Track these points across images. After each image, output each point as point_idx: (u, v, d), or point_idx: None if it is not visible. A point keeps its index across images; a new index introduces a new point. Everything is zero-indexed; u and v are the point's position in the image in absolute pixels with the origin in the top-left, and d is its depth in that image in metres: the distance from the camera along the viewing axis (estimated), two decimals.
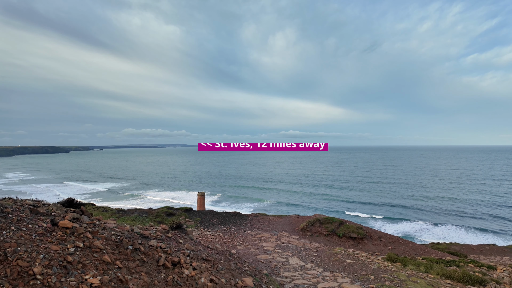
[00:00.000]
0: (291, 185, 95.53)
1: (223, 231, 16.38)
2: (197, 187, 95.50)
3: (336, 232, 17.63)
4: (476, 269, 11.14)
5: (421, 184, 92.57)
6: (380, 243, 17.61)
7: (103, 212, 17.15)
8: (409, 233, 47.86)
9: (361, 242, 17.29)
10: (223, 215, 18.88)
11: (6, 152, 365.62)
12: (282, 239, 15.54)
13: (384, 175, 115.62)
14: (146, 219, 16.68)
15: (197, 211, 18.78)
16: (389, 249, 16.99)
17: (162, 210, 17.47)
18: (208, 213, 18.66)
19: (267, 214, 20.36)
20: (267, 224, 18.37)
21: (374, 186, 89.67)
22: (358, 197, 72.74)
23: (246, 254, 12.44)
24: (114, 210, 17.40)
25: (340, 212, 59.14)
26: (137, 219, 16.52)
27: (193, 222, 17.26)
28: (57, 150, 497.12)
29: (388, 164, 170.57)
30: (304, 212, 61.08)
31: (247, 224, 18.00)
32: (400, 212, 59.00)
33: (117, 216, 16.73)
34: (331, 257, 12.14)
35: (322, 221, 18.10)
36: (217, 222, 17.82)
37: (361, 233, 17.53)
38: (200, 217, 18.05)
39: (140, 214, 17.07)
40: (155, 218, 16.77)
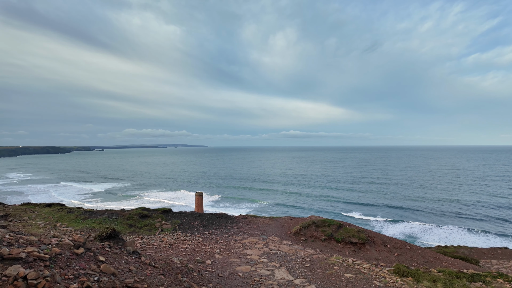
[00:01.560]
0: (289, 185, 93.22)
1: (204, 236, 14.09)
2: (196, 188, 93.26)
3: (334, 236, 15.31)
4: (506, 285, 8.84)
5: (422, 184, 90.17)
6: (385, 249, 15.28)
7: (68, 213, 14.88)
8: (411, 234, 45.71)
9: (363, 248, 14.97)
10: (206, 217, 16.59)
11: (8, 152, 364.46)
12: (271, 245, 13.25)
13: (385, 176, 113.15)
14: (114, 222, 14.40)
15: (178, 213, 16.49)
16: (395, 256, 14.67)
17: (136, 211, 15.18)
18: (190, 215, 16.36)
19: (257, 216, 18.05)
20: (256, 227, 16.06)
21: (374, 187, 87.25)
22: (358, 198, 70.40)
23: (223, 265, 10.15)
24: (81, 212, 15.13)
25: (339, 214, 56.83)
26: (105, 222, 14.24)
27: (170, 225, 14.96)
28: (58, 151, 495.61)
29: (389, 165, 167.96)
30: (302, 213, 58.69)
31: (233, 228, 15.69)
32: (401, 214, 56.91)
33: (83, 218, 14.46)
34: (327, 269, 9.83)
35: (319, 224, 15.78)
36: (199, 225, 15.53)
37: (363, 238, 15.20)
38: (179, 219, 15.76)
39: (109, 216, 14.79)
40: (126, 220, 14.48)
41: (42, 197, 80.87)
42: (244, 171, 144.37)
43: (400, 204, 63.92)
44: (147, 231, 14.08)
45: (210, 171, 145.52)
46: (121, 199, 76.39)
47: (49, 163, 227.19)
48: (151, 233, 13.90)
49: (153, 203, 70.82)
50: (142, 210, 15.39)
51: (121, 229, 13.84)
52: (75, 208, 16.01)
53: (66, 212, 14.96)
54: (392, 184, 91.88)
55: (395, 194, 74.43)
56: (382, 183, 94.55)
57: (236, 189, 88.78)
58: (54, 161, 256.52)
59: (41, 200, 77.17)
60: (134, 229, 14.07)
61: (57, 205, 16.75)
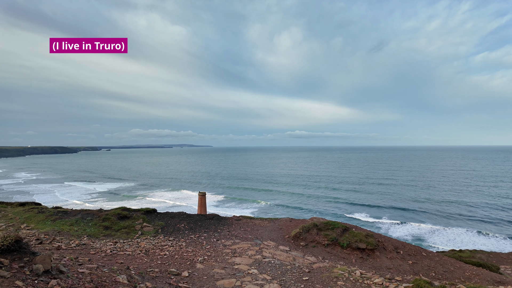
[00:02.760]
0: (293, 186, 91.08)
1: (189, 240, 12.22)
2: (200, 188, 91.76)
3: (338, 241, 13.31)
4: None
5: (429, 185, 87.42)
6: (397, 256, 13.23)
7: (38, 214, 13.15)
8: (419, 236, 43.89)
9: (372, 255, 12.95)
10: (195, 218, 14.72)
11: (17, 152, 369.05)
12: (265, 252, 11.33)
13: (391, 176, 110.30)
14: (88, 223, 12.61)
15: (163, 213, 14.64)
16: (410, 265, 12.62)
17: (114, 212, 13.37)
18: (177, 216, 14.51)
19: (252, 217, 16.12)
20: (250, 230, 14.13)
21: (380, 187, 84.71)
22: (363, 199, 68.12)
23: (202, 278, 8.25)
24: (53, 212, 13.39)
25: (343, 216, 54.76)
26: (77, 224, 12.47)
27: (152, 227, 13.12)
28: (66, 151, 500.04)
29: (395, 165, 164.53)
30: (304, 215, 56.59)
31: (223, 231, 13.79)
32: (407, 215, 55.06)
33: (53, 219, 12.71)
34: (328, 284, 7.88)
35: (321, 227, 13.80)
36: (185, 227, 13.66)
37: (372, 243, 13.18)
38: (164, 220, 13.91)
39: (83, 217, 13.01)
40: (102, 222, 12.68)
41: (47, 197, 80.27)
42: (249, 171, 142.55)
43: (406, 205, 61.73)
44: (125, 234, 12.27)
45: (214, 171, 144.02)
46: (123, 199, 75.15)
47: (55, 163, 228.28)
48: (129, 237, 12.09)
49: (155, 203, 69.37)
50: (122, 211, 13.57)
51: (94, 232, 12.05)
52: (50, 208, 14.29)
53: (36, 212, 13.24)
54: (398, 185, 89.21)
55: (401, 195, 72.00)
56: (387, 183, 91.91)
57: (239, 190, 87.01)
58: (61, 161, 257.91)
59: (46, 200, 76.44)
60: (110, 232, 12.27)
61: (32, 204, 15.07)
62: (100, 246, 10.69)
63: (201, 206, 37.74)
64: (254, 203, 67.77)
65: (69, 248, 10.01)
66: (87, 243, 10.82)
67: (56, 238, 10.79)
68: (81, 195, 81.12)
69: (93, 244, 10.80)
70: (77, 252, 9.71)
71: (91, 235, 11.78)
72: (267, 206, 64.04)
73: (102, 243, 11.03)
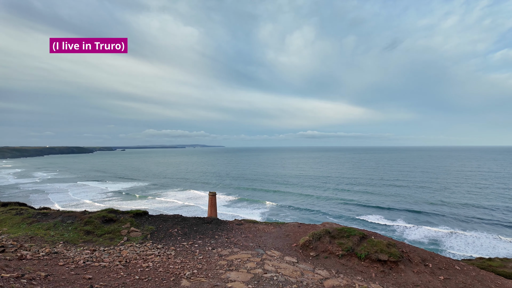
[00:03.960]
0: (304, 187, 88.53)
1: (180, 248, 10.48)
2: (211, 188, 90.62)
3: (355, 251, 11.29)
4: None
5: (445, 187, 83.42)
6: (425, 269, 11.10)
7: (16, 215, 11.70)
8: (435, 241, 41.59)
9: (395, 268, 10.87)
10: (191, 222, 12.96)
11: (35, 152, 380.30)
12: (268, 264, 9.46)
13: (405, 178, 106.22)
14: (68, 227, 11.04)
15: (155, 216, 12.96)
16: (441, 281, 10.48)
17: (99, 214, 11.77)
18: (170, 219, 12.79)
19: (256, 221, 14.24)
20: (252, 236, 12.27)
21: (394, 189, 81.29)
22: (376, 202, 65.23)
23: None
24: (31, 214, 11.91)
25: (356, 219, 52.26)
26: (55, 228, 10.92)
27: (140, 232, 11.43)
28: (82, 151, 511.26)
29: (410, 166, 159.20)
30: (316, 217, 54.16)
31: (222, 237, 11.98)
32: (422, 218, 52.51)
33: (29, 222, 11.22)
34: None
35: (334, 234, 11.80)
36: (178, 232, 11.92)
37: (395, 254, 11.10)
38: (155, 224, 12.22)
39: (63, 220, 11.47)
40: (84, 225, 11.10)
41: (60, 196, 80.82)
42: (260, 171, 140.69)
43: (421, 207, 58.77)
44: (108, 240, 10.63)
45: (225, 172, 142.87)
46: (134, 199, 74.60)
47: (71, 162, 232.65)
48: (112, 244, 10.44)
49: (165, 203, 68.41)
50: (108, 213, 11.96)
51: (73, 237, 10.47)
52: (31, 209, 12.84)
53: (14, 214, 11.80)
54: (412, 186, 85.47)
55: (416, 197, 68.69)
56: (402, 185, 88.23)
57: (249, 190, 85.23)
58: (76, 160, 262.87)
59: (60, 199, 76.91)
60: (91, 238, 10.65)
61: (15, 204, 13.70)
62: (74, 255, 9.07)
63: (211, 207, 36.75)
64: (263, 204, 65.84)
65: (34, 258, 8.41)
66: (60, 251, 9.22)
67: (25, 245, 9.24)
68: (92, 195, 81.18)
69: (66, 253, 9.19)
70: (41, 264, 8.08)
71: (69, 241, 10.20)
72: (276, 208, 61.99)
73: (77, 251, 9.41)
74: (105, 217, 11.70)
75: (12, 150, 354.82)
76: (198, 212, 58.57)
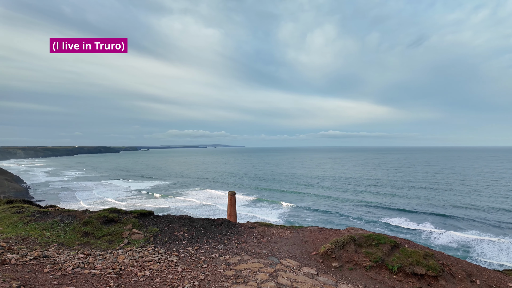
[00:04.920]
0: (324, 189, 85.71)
1: (184, 254, 9.27)
2: (230, 187, 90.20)
3: (386, 262, 9.61)
4: None
5: (475, 190, 78.07)
6: (472, 287, 9.24)
7: (15, 214, 11.00)
8: (465, 246, 39.44)
9: (435, 284, 9.09)
10: (199, 224, 11.75)
11: (66, 151, 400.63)
12: (282, 276, 8.04)
13: (432, 179, 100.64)
14: (65, 228, 10.14)
15: (161, 217, 11.86)
16: None
17: (100, 214, 10.82)
18: (177, 221, 11.64)
19: (271, 225, 12.79)
20: (266, 242, 10.86)
21: (420, 191, 76.96)
22: (401, 204, 61.89)
23: None
24: (31, 212, 11.18)
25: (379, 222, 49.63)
26: (52, 228, 10.06)
27: (142, 235, 10.35)
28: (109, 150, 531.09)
29: (437, 167, 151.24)
30: (337, 221, 51.82)
31: (232, 241, 10.66)
32: (451, 222, 49.70)
33: (27, 221, 10.45)
34: None
35: (361, 242, 10.15)
36: (185, 236, 10.73)
37: (435, 267, 9.31)
38: (160, 226, 11.11)
39: (61, 220, 10.61)
40: (82, 226, 10.16)
41: (85, 194, 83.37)
42: (279, 172, 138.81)
43: (449, 211, 55.27)
44: (106, 243, 9.61)
45: (244, 172, 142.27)
46: (153, 198, 75.37)
47: (98, 161, 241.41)
48: (110, 247, 9.41)
49: (184, 202, 68.43)
50: (110, 213, 10.98)
51: (69, 239, 9.54)
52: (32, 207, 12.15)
53: (13, 212, 11.11)
54: (440, 189, 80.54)
55: (443, 200, 64.56)
56: (428, 187, 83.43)
57: (268, 191, 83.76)
58: (103, 160, 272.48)
59: (85, 196, 79.24)
60: (89, 240, 9.68)
61: (20, 202, 13.14)
62: (64, 260, 8.08)
63: (230, 206, 36.39)
64: (282, 204, 64.12)
65: (19, 263, 7.46)
66: (50, 255, 8.26)
67: (14, 247, 8.37)
68: (115, 193, 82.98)
69: (57, 257, 8.22)
70: (24, 270, 7.10)
71: (64, 243, 9.26)
72: (295, 209, 60.10)
73: (70, 256, 8.42)
74: (106, 217, 10.72)
75: (45, 149, 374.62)
76: (217, 211, 57.90)
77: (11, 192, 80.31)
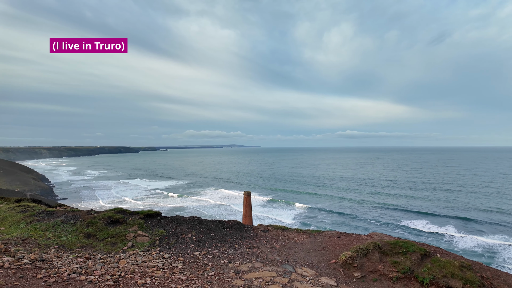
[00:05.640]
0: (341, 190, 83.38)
1: (190, 259, 8.49)
2: (246, 188, 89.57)
3: (415, 273, 8.45)
4: None
5: (501, 192, 73.86)
6: None
7: (20, 213, 10.60)
8: (491, 251, 37.80)
9: None
10: (209, 226, 10.95)
11: (88, 151, 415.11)
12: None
13: (454, 181, 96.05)
14: (68, 229, 9.59)
15: (169, 218, 11.14)
16: None
17: (105, 214, 10.22)
18: (185, 222, 10.89)
19: (286, 228, 11.82)
20: (279, 247, 9.92)
21: (441, 193, 73.45)
22: (422, 207, 59.23)
23: None
24: (35, 212, 10.76)
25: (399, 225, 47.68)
26: (54, 228, 9.54)
27: (148, 237, 9.66)
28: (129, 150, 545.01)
29: (460, 168, 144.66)
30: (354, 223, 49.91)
31: (243, 246, 9.79)
32: (474, 226, 47.47)
33: (29, 221, 10.00)
34: None
35: (386, 250, 9.03)
36: (193, 239, 9.95)
37: (473, 281, 8.07)
38: (167, 228, 10.39)
39: (65, 220, 10.09)
40: (85, 227, 9.59)
41: (105, 193, 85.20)
42: (295, 172, 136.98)
43: (472, 215, 52.63)
44: (109, 245, 8.98)
45: (260, 172, 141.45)
46: (169, 197, 75.84)
47: (117, 161, 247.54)
48: (113, 250, 8.77)
49: (198, 202, 68.36)
50: (115, 213, 10.37)
51: (71, 240, 8.97)
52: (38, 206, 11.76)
53: (18, 211, 10.72)
54: (462, 191, 76.59)
55: (466, 203, 61.32)
56: (450, 189, 79.52)
57: (283, 192, 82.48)
58: (122, 160, 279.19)
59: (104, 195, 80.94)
60: (91, 242, 9.08)
61: (29, 200, 12.83)
62: (61, 264, 7.46)
63: (246, 206, 35.88)
64: (297, 206, 62.70)
65: (13, 267, 6.89)
66: (48, 259, 7.67)
67: (11, 249, 7.85)
68: (132, 192, 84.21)
69: (54, 261, 7.62)
70: (17, 275, 6.50)
71: (64, 245, 8.70)
72: (311, 210, 58.57)
73: (68, 259, 7.81)
74: (111, 217, 10.11)
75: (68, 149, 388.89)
76: (232, 212, 57.33)
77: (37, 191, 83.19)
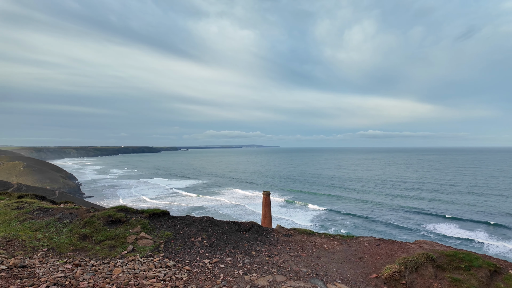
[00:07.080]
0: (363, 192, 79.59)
1: (198, 269, 6.97)
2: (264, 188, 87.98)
3: None
4: None
5: None
6: None
7: (15, 210, 9.53)
8: None
9: None
10: (223, 228, 9.39)
11: (113, 151, 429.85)
12: None
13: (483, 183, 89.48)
14: (62, 229, 8.35)
15: (177, 218, 9.70)
16: None
17: (105, 213, 8.93)
18: (195, 223, 9.39)
19: (312, 232, 10.05)
20: (306, 255, 8.19)
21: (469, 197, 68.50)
22: (447, 210, 55.38)
23: None
24: (32, 209, 9.68)
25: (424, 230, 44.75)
26: (47, 228, 8.33)
27: (151, 240, 8.23)
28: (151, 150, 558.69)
29: (489, 169, 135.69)
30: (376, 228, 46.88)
31: (261, 253, 8.15)
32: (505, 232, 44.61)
33: (23, 219, 8.89)
34: None
35: (442, 263, 7.09)
36: (203, 243, 8.43)
37: None
38: (174, 230, 8.93)
39: (61, 219, 8.91)
40: (82, 227, 8.32)
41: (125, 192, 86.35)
42: (314, 173, 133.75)
43: (503, 220, 48.86)
44: (106, 249, 7.62)
45: (279, 172, 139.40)
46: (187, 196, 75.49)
47: (139, 161, 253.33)
48: (110, 255, 7.40)
49: (215, 202, 67.39)
50: (116, 212, 9.04)
51: (63, 242, 7.69)
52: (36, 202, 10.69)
53: (13, 208, 9.66)
54: (492, 194, 71.08)
55: (496, 207, 56.94)
56: (479, 192, 73.97)
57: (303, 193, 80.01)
58: (144, 159, 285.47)
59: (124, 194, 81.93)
60: (86, 245, 7.77)
61: (31, 197, 11.87)
62: (44, 272, 6.13)
63: (265, 206, 34.83)
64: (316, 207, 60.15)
65: None
66: (30, 265, 6.38)
67: None
68: (151, 191, 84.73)
69: (36, 267, 6.31)
70: None
71: (55, 248, 7.43)
72: (329, 212, 55.89)
73: (54, 266, 6.48)
74: (111, 217, 8.79)
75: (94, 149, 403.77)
76: (249, 212, 55.84)
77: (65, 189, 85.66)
